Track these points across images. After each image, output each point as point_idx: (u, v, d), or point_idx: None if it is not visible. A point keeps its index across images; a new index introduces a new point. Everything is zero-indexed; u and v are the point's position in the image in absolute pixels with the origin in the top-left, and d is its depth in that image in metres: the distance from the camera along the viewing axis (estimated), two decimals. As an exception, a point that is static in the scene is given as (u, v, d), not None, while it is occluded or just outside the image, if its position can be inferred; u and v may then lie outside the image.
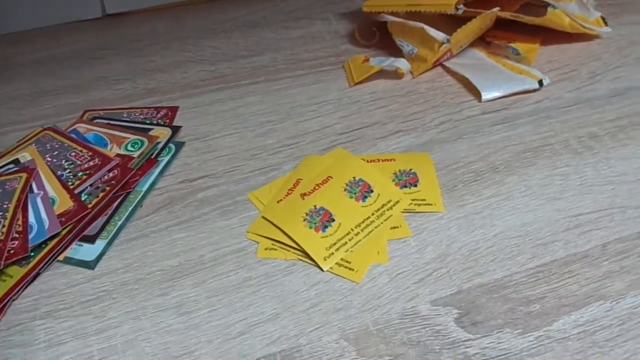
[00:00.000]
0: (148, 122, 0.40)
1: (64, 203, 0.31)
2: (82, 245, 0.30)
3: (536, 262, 0.27)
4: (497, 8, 0.42)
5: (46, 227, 0.30)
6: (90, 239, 0.31)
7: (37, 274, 0.29)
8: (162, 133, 0.38)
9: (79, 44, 0.53)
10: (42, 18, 0.56)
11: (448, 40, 0.42)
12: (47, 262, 0.29)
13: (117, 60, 0.50)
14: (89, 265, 0.29)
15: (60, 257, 0.30)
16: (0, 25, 0.56)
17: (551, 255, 0.28)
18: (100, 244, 0.30)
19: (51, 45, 0.53)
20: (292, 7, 0.57)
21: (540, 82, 0.40)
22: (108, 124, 0.39)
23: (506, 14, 0.43)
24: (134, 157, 0.35)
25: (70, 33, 0.55)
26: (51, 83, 0.47)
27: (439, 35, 0.42)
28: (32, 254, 0.29)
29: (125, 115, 0.41)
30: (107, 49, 0.52)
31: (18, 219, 0.30)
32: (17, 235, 0.29)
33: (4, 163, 0.34)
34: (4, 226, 0.29)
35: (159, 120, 0.40)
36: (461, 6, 0.42)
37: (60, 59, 0.51)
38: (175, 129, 0.39)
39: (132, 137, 0.37)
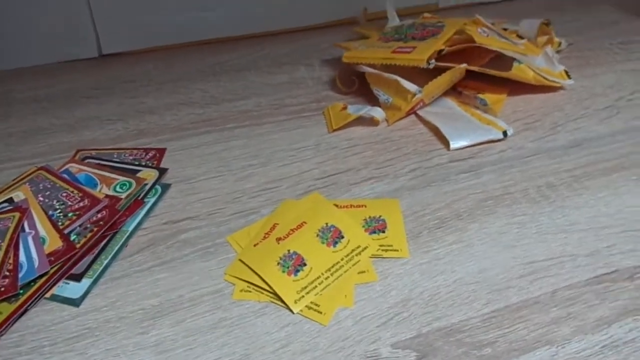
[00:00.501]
0: (137, 163, 0.42)
1: (53, 242, 0.33)
2: (68, 283, 0.32)
3: (491, 308, 0.30)
4: (465, 65, 0.45)
5: (36, 266, 0.32)
6: (77, 277, 0.32)
7: (25, 311, 0.31)
8: (149, 175, 0.40)
9: (74, 82, 0.56)
10: (40, 55, 0.59)
11: (420, 92, 0.45)
12: (34, 299, 0.31)
13: (109, 101, 0.52)
14: (75, 302, 0.31)
15: (47, 295, 0.32)
16: (1, 60, 0.58)
17: (505, 301, 0.30)
18: (86, 282, 0.32)
19: (48, 83, 0.56)
20: (278, 52, 0.60)
21: (505, 133, 0.43)
22: (98, 164, 0.42)
23: (475, 68, 0.46)
24: (121, 199, 0.37)
25: (67, 71, 0.58)
26: (46, 121, 0.49)
27: (412, 87, 0.45)
28: (21, 291, 0.31)
29: (115, 155, 0.43)
30: (101, 88, 0.55)
31: (9, 258, 0.32)
32: (7, 274, 0.31)
33: (-2, 202, 0.37)
34: (-5, 265, 0.31)
35: (148, 162, 0.42)
36: (433, 61, 0.45)
37: (55, 97, 0.53)
38: (162, 171, 0.41)
39: (121, 178, 0.40)
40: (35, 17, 0.57)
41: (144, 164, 0.42)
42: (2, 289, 0.30)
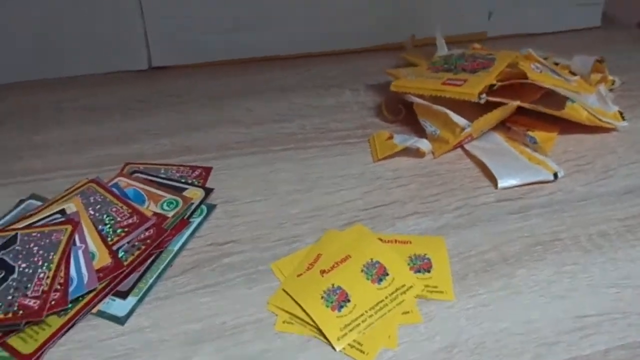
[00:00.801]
0: (183, 180, 0.43)
1: (102, 259, 0.34)
2: (114, 300, 0.33)
3: (538, 361, 0.29)
4: (518, 102, 0.45)
5: (85, 281, 0.32)
6: (123, 295, 0.33)
7: (72, 325, 0.31)
8: (195, 194, 0.41)
9: (123, 94, 0.57)
10: (91, 65, 0.61)
11: (469, 126, 0.44)
12: (82, 314, 0.31)
13: (157, 114, 0.53)
14: (120, 320, 0.32)
15: (94, 310, 0.32)
16: (54, 68, 0.60)
17: (553, 357, 0.29)
18: (131, 300, 0.33)
19: (98, 92, 0.57)
20: (324, 75, 0.60)
21: (555, 175, 0.42)
22: (146, 179, 0.42)
23: (527, 105, 0.46)
24: (168, 217, 0.38)
25: (116, 82, 0.59)
26: (96, 132, 0.50)
27: (461, 120, 0.44)
28: (70, 305, 0.31)
29: (162, 171, 0.44)
30: (149, 101, 0.56)
31: (61, 271, 0.32)
32: (58, 287, 0.31)
33: (51, 212, 0.37)
34: (48, 277, 0.32)
35: (194, 180, 0.43)
36: (484, 96, 0.44)
37: (105, 107, 0.55)
38: (208, 191, 0.41)
39: (168, 196, 0.40)
40: (87, 26, 0.58)
41: (190, 182, 0.43)
42: (53, 302, 0.30)
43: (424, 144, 0.45)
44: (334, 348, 0.30)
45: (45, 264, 0.33)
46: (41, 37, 0.58)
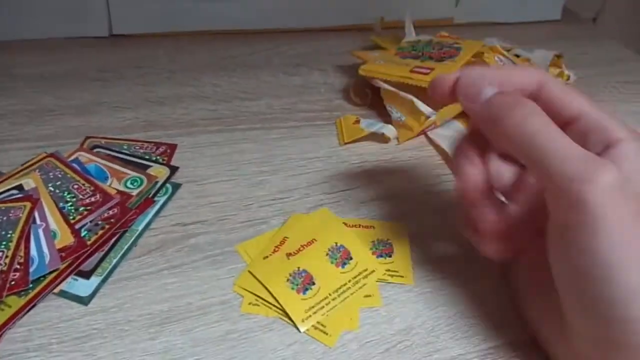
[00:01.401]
0: (147, 157, 0.42)
1: (65, 238, 0.33)
2: (77, 280, 0.32)
3: (489, 344, 0.31)
4: (481, 93, 0.46)
5: (47, 261, 0.32)
6: (86, 275, 0.33)
7: (34, 305, 0.31)
8: (160, 172, 0.40)
9: (81, 62, 0.55)
10: (45, 29, 0.58)
11: (434, 114, 0.45)
12: (44, 295, 0.31)
13: (118, 85, 0.52)
14: (83, 301, 0.31)
15: (56, 290, 0.32)
16: (5, 30, 0.57)
17: (504, 339, 0.31)
18: (94, 280, 0.32)
19: (53, 60, 0.55)
20: (293, 52, 0.60)
21: (511, 166, 0.44)
22: (108, 155, 0.42)
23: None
24: (132, 196, 0.37)
25: (74, 49, 0.57)
26: (53, 102, 0.48)
27: (426, 109, 0.45)
28: (31, 286, 0.31)
29: (125, 147, 0.43)
30: (110, 71, 0.54)
31: (20, 250, 0.31)
32: (18, 267, 0.31)
33: (7, 187, 0.36)
34: (7, 257, 0.31)
35: (158, 157, 0.42)
36: (449, 85, 0.45)
37: (62, 76, 0.52)
38: (174, 169, 0.41)
39: (132, 173, 0.40)
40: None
41: (154, 159, 0.42)
42: (13, 282, 0.30)
43: (389, 130, 0.46)
44: (298, 329, 0.31)
45: (4, 243, 0.32)
46: (-9, -4, 0.54)
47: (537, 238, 0.27)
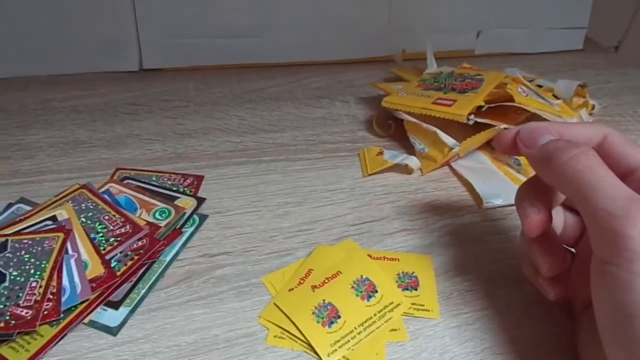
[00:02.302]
0: (175, 189, 0.43)
1: (95, 268, 0.34)
2: (106, 310, 0.33)
3: (518, 381, 0.30)
4: (504, 125, 0.46)
5: (78, 291, 0.32)
6: (115, 305, 0.33)
7: (64, 335, 0.31)
8: (187, 203, 0.41)
9: (113, 95, 0.57)
10: (80, 64, 0.60)
11: (457, 146, 0.46)
12: (74, 325, 0.31)
13: (148, 118, 0.53)
14: (112, 331, 0.32)
15: (85, 320, 0.32)
16: (40, 66, 0.59)
17: (532, 376, 0.30)
18: (123, 311, 0.33)
19: (87, 94, 0.57)
20: (315, 84, 0.61)
21: (537, 197, 0.44)
22: (138, 186, 0.43)
23: (511, 127, 0.47)
24: (161, 227, 0.38)
25: (105, 83, 0.59)
26: (86, 134, 0.50)
27: (449, 140, 0.46)
28: (62, 316, 0.31)
29: (154, 178, 0.44)
30: (140, 104, 0.56)
31: (53, 280, 0.32)
32: (51, 297, 0.31)
33: (42, 218, 0.37)
34: (40, 286, 0.32)
35: (185, 189, 0.43)
36: (472, 117, 0.46)
37: (94, 109, 0.54)
38: (201, 201, 0.42)
39: (161, 205, 0.40)
40: (79, 24, 0.58)
41: (182, 190, 0.43)
42: (46, 312, 0.31)
43: (413, 161, 0.46)
44: (324, 364, 0.30)
45: (37, 273, 0.33)
46: (32, 34, 0.57)
47: None
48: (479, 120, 0.46)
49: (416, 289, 0.35)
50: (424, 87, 0.52)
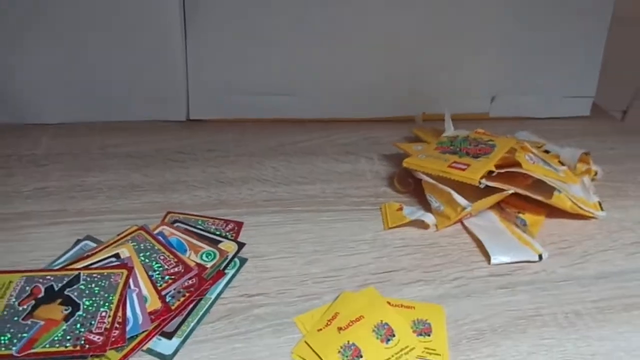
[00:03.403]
0: (218, 233, 0.49)
1: (154, 303, 0.39)
2: (161, 340, 0.38)
3: (516, 422, 0.35)
4: (512, 189, 0.52)
5: (140, 322, 0.38)
6: (168, 336, 0.39)
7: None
8: (229, 247, 0.47)
9: (163, 143, 0.64)
10: (133, 113, 0.68)
11: (469, 206, 0.51)
12: (135, 351, 0.37)
13: (194, 166, 0.60)
14: (166, 358, 0.37)
15: (144, 347, 0.38)
16: (100, 113, 0.67)
17: (529, 419, 0.35)
18: (175, 341, 0.38)
19: (139, 141, 0.64)
20: (343, 140, 0.67)
21: (540, 256, 0.49)
22: (187, 229, 0.49)
23: (519, 191, 0.53)
24: (207, 267, 0.44)
25: (156, 131, 0.66)
26: (140, 179, 0.57)
27: (462, 201, 0.51)
28: (127, 343, 0.37)
29: (200, 222, 0.50)
30: (186, 152, 0.62)
31: (119, 311, 0.38)
32: (117, 326, 0.37)
33: (107, 255, 0.43)
34: (109, 316, 0.37)
35: (227, 234, 0.49)
36: (484, 181, 0.51)
37: (147, 155, 0.61)
38: (241, 245, 0.48)
39: (207, 247, 0.46)
40: (135, 76, 0.66)
41: (224, 235, 0.49)
42: (114, 339, 0.36)
43: (429, 218, 0.52)
44: (347, 397, 0.35)
45: (106, 304, 0.38)
46: (92, 83, 0.65)
47: None
48: (489, 184, 0.52)
49: (429, 335, 0.40)
50: (442, 149, 0.58)
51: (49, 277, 0.41)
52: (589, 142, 0.71)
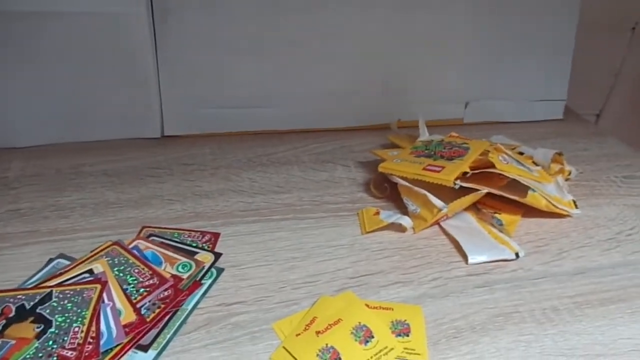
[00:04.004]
0: (194, 245, 0.49)
1: (128, 315, 0.39)
2: (137, 353, 0.38)
3: (497, 418, 0.34)
4: (487, 189, 0.52)
5: (114, 336, 0.37)
6: (144, 348, 0.38)
7: (100, 374, 0.36)
8: (206, 258, 0.47)
9: (138, 160, 0.64)
10: (107, 132, 0.67)
11: (445, 208, 0.51)
12: (109, 365, 0.36)
13: (169, 181, 0.60)
14: (142, 371, 0.37)
15: (118, 361, 0.37)
16: (72, 133, 0.66)
17: (509, 413, 0.35)
18: (151, 353, 0.38)
19: (114, 159, 0.63)
20: (320, 150, 0.68)
21: (517, 254, 0.49)
22: (162, 243, 0.48)
23: (494, 191, 0.53)
24: (183, 279, 0.43)
25: (131, 149, 0.66)
26: (114, 196, 0.56)
27: (438, 202, 0.52)
28: (100, 357, 0.36)
29: (176, 235, 0.50)
30: (162, 168, 0.62)
31: (93, 326, 0.37)
32: (91, 340, 0.36)
33: (80, 272, 0.43)
34: (82, 331, 0.37)
35: (204, 245, 0.49)
36: (458, 182, 0.52)
37: (122, 173, 0.61)
38: (218, 255, 0.47)
39: (183, 259, 0.46)
40: (107, 96, 0.65)
41: (201, 246, 0.49)
42: (87, 354, 0.35)
43: (406, 221, 0.52)
44: (326, 401, 0.35)
45: (79, 319, 0.38)
46: (64, 104, 0.64)
47: None
48: (464, 184, 0.52)
49: (408, 335, 0.40)
50: (416, 154, 0.58)
51: (20, 296, 0.40)
52: (563, 144, 0.72)
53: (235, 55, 0.66)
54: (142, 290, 0.41)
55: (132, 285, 0.42)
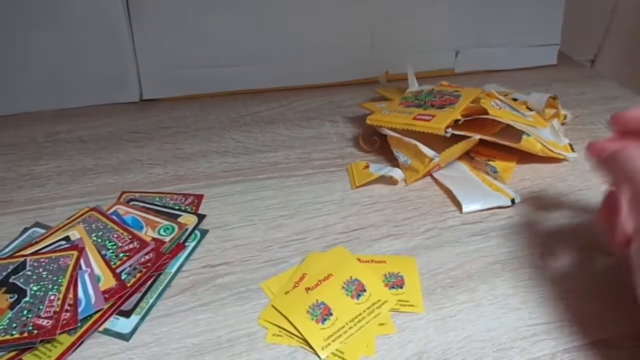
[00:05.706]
0: (177, 208, 0.47)
1: (108, 281, 0.37)
2: (118, 319, 0.36)
3: (496, 365, 0.33)
4: (480, 135, 0.50)
5: (92, 302, 0.35)
6: (126, 314, 0.36)
7: (81, 342, 0.34)
8: (189, 220, 0.45)
9: (116, 125, 0.61)
10: (84, 98, 0.65)
11: (437, 157, 0.49)
12: (90, 332, 0.34)
13: (149, 145, 0.57)
14: (125, 337, 0.35)
15: (100, 328, 0.35)
16: (48, 101, 0.63)
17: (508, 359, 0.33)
18: (134, 318, 0.36)
19: (92, 125, 0.61)
20: (305, 107, 0.65)
21: (513, 201, 0.47)
22: (143, 207, 0.46)
23: (487, 137, 0.51)
24: (165, 242, 0.42)
25: (109, 114, 0.63)
26: (92, 162, 0.54)
27: (429, 152, 0.49)
28: (79, 325, 0.34)
29: (157, 199, 0.48)
30: (141, 132, 0.59)
31: (70, 293, 0.35)
32: (68, 308, 0.35)
33: (56, 239, 0.41)
34: (58, 299, 0.35)
35: (187, 207, 0.47)
36: (449, 130, 0.50)
37: (100, 139, 0.58)
38: (201, 217, 0.45)
39: (164, 222, 0.44)
40: (83, 61, 0.62)
41: (183, 209, 0.46)
42: (64, 322, 0.34)
43: (397, 173, 0.50)
44: (319, 356, 0.33)
45: (55, 287, 0.36)
46: (39, 72, 0.61)
47: None
48: (456, 132, 0.50)
49: (402, 287, 0.38)
50: (406, 104, 0.56)
51: (-7, 266, 0.38)
52: (558, 89, 0.69)
53: (213, 12, 0.63)
54: (121, 255, 0.39)
55: (111, 251, 0.40)
